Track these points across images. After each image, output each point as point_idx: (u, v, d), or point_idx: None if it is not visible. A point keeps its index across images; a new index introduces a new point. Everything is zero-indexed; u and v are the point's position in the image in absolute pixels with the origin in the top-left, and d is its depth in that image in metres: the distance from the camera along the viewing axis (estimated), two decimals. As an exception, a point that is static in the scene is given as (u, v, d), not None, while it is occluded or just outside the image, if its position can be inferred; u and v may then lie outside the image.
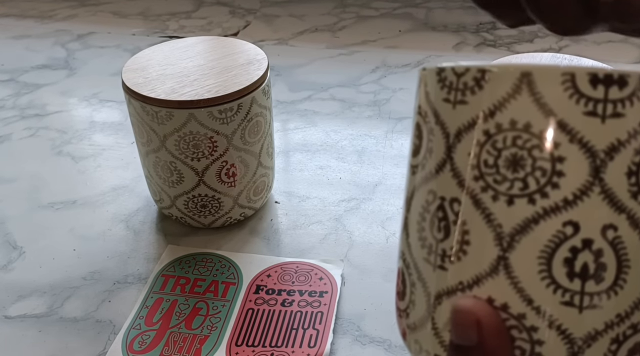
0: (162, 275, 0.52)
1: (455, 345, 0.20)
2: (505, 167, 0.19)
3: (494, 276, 0.19)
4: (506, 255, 0.19)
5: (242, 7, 1.01)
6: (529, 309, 0.19)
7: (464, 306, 0.20)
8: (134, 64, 0.53)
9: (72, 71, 0.85)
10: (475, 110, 0.20)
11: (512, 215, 0.19)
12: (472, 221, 0.20)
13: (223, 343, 0.46)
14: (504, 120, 0.19)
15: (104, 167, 0.66)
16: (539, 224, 0.19)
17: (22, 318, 0.49)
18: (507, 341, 0.20)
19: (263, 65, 0.52)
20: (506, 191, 0.19)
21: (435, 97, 0.21)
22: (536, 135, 0.19)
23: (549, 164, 0.19)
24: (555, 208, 0.19)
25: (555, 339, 0.19)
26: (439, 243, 0.21)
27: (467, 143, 0.20)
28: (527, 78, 0.19)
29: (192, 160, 0.51)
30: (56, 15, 1.01)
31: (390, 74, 0.80)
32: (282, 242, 0.55)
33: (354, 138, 0.69)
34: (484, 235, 0.20)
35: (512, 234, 0.19)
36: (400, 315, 0.23)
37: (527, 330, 0.19)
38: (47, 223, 0.59)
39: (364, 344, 0.46)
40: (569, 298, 0.19)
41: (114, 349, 0.46)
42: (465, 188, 0.20)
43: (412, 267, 0.22)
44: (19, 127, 0.73)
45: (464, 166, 0.20)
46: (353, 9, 0.99)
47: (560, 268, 0.19)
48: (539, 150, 0.19)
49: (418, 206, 0.22)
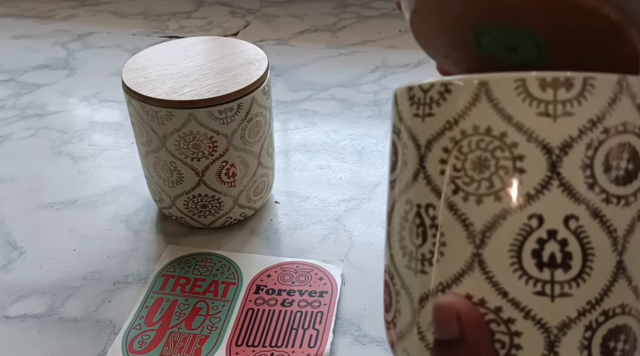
0: (162, 275, 0.52)
1: (439, 341, 0.21)
2: (472, 169, 0.21)
3: (470, 274, 0.21)
4: (480, 252, 0.20)
5: (242, 7, 1.01)
6: (505, 301, 0.20)
7: (444, 303, 0.21)
8: (134, 64, 0.53)
9: (72, 71, 0.85)
10: (441, 120, 0.21)
11: (482, 213, 0.20)
12: (447, 223, 0.21)
13: (223, 343, 0.46)
14: (467, 127, 0.21)
15: (104, 167, 0.66)
16: (506, 219, 0.20)
17: (22, 318, 0.49)
18: (486, 333, 0.20)
19: (263, 65, 0.52)
20: (474, 191, 0.20)
21: (407, 114, 0.23)
22: (497, 137, 0.20)
23: (510, 163, 0.20)
24: (519, 203, 0.20)
25: (531, 329, 0.20)
26: (418, 248, 0.22)
27: (436, 151, 0.21)
28: (485, 86, 0.20)
29: (192, 160, 0.51)
30: (56, 15, 1.01)
31: (390, 74, 0.80)
32: (282, 242, 0.55)
33: (354, 138, 0.69)
34: (458, 235, 0.21)
35: (484, 231, 0.20)
36: (388, 327, 0.24)
37: (505, 322, 0.20)
38: (47, 223, 0.59)
39: (364, 344, 0.46)
40: (540, 288, 0.20)
41: (114, 349, 0.46)
42: (438, 193, 0.21)
43: (395, 277, 0.23)
44: (19, 127, 0.73)
45: (435, 173, 0.21)
46: (353, 9, 0.99)
47: (530, 259, 0.20)
48: (500, 151, 0.20)
49: (398, 217, 0.23)
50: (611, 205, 0.20)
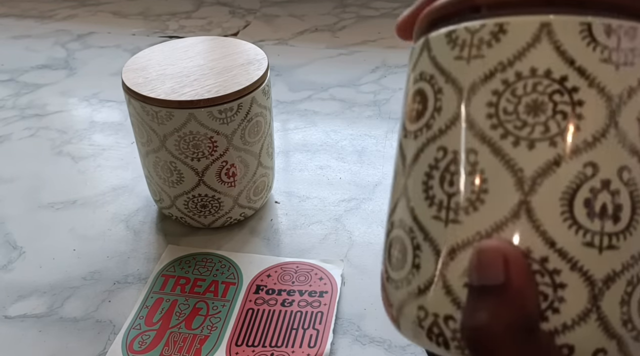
0: (162, 275, 0.52)
1: (478, 287, 0.20)
2: (525, 112, 0.20)
3: (515, 222, 0.20)
4: (528, 199, 0.19)
5: (242, 7, 1.01)
6: (552, 252, 0.19)
7: (490, 245, 0.20)
8: (134, 64, 0.53)
9: (72, 71, 0.85)
10: (493, 62, 0.20)
11: (534, 159, 0.19)
12: (491, 169, 0.20)
13: (223, 343, 0.46)
14: (523, 69, 0.20)
15: (104, 167, 0.66)
16: (560, 166, 0.19)
17: (22, 318, 0.49)
18: (533, 281, 0.19)
19: (263, 65, 0.52)
20: (527, 136, 0.20)
21: (445, 57, 0.22)
22: (557, 80, 0.19)
23: (569, 108, 0.19)
24: (576, 150, 0.19)
25: (577, 281, 0.19)
26: (452, 197, 0.21)
27: (483, 94, 0.20)
28: (547, 28, 0.20)
29: (192, 160, 0.51)
30: (56, 15, 1.01)
31: (390, 74, 0.80)
32: (282, 242, 0.55)
33: (354, 138, 0.69)
34: (504, 182, 0.20)
35: (534, 177, 0.19)
36: (396, 287, 0.23)
37: (550, 273, 0.19)
38: (47, 223, 0.59)
39: (364, 344, 0.46)
40: (590, 239, 0.19)
41: (114, 349, 0.46)
42: (482, 138, 0.20)
43: (416, 230, 0.22)
44: (19, 127, 0.73)
45: (480, 117, 0.20)
46: (353, 9, 0.99)
47: (582, 209, 0.19)
48: (559, 95, 0.19)
49: (423, 166, 0.22)
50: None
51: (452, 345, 0.21)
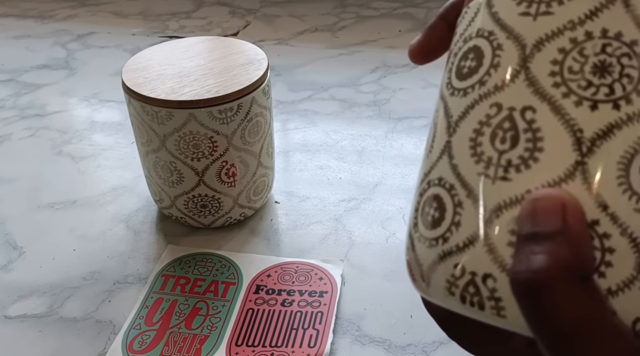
0: (162, 275, 0.52)
1: (532, 233, 0.19)
2: (591, 73, 0.19)
3: (569, 182, 0.19)
4: (585, 160, 0.19)
5: (242, 7, 1.01)
6: (604, 215, 0.19)
7: (547, 193, 0.19)
8: (134, 64, 0.53)
9: (72, 71, 0.85)
10: (563, 19, 0.20)
11: (595, 120, 0.19)
12: (549, 127, 0.20)
13: (223, 343, 0.46)
14: (594, 29, 0.20)
15: (104, 167, 0.66)
16: (621, 130, 0.19)
17: (22, 318, 0.49)
18: (588, 231, 0.19)
19: (263, 65, 0.52)
20: (591, 96, 0.19)
21: (509, 13, 0.21)
22: (627, 44, 0.19)
23: (637, 72, 0.19)
24: (638, 115, 0.19)
25: (626, 247, 0.19)
26: (503, 154, 0.20)
27: (549, 51, 0.20)
28: None
29: (192, 160, 0.51)
30: (56, 15, 1.01)
31: (390, 74, 0.80)
32: (282, 242, 0.55)
33: (354, 138, 0.69)
34: (562, 141, 0.20)
35: (594, 139, 0.19)
36: (432, 245, 0.22)
37: (600, 237, 0.19)
38: (47, 223, 0.59)
39: (364, 344, 0.46)
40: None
41: (114, 349, 0.46)
42: (543, 95, 0.20)
43: (458, 187, 0.21)
44: (19, 127, 0.73)
45: (543, 74, 0.20)
46: (353, 9, 0.99)
47: (638, 175, 0.19)
48: (628, 58, 0.19)
49: (473, 123, 0.21)
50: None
51: (488, 305, 0.20)
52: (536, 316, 0.19)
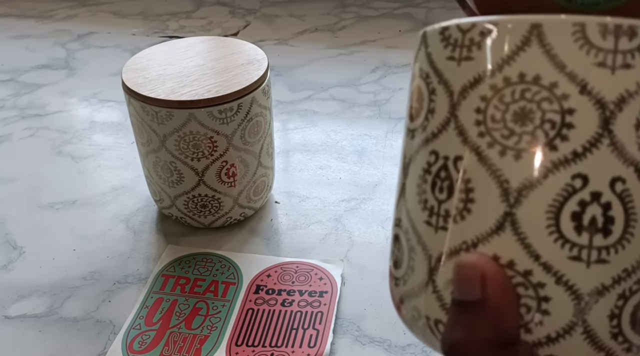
0: (162, 275, 0.52)
1: (458, 301, 0.20)
2: (513, 121, 0.19)
3: (500, 234, 0.19)
4: (513, 211, 0.19)
5: (242, 7, 1.01)
6: (536, 265, 0.19)
7: (468, 261, 0.19)
8: (134, 64, 0.53)
9: (72, 71, 0.85)
10: (482, 65, 0.19)
11: (520, 170, 0.19)
12: (477, 178, 0.20)
13: (223, 343, 0.46)
14: (512, 74, 0.19)
15: (104, 167, 0.66)
16: (547, 178, 0.19)
17: (22, 318, 0.49)
18: (512, 297, 0.19)
19: (263, 65, 0.52)
20: (514, 145, 0.19)
21: (439, 56, 0.21)
22: (546, 87, 0.18)
23: (558, 116, 0.18)
24: (564, 161, 0.18)
25: (562, 295, 0.19)
26: (442, 204, 0.20)
27: (472, 99, 0.20)
28: (537, 29, 0.19)
29: (192, 160, 0.51)
30: (56, 15, 1.01)
31: (390, 74, 0.80)
32: (282, 242, 0.55)
33: (354, 138, 0.69)
34: (490, 192, 0.19)
35: (520, 189, 0.19)
36: (396, 284, 0.23)
37: (534, 286, 0.19)
38: (47, 223, 0.59)
39: (364, 344, 0.46)
40: (576, 253, 0.19)
41: (114, 349, 0.46)
42: (470, 145, 0.20)
43: (410, 232, 0.22)
44: (19, 127, 0.73)
45: (469, 123, 0.20)
46: (353, 9, 0.99)
47: (569, 222, 0.19)
48: (548, 103, 0.18)
49: (418, 169, 0.21)
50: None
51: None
52: None
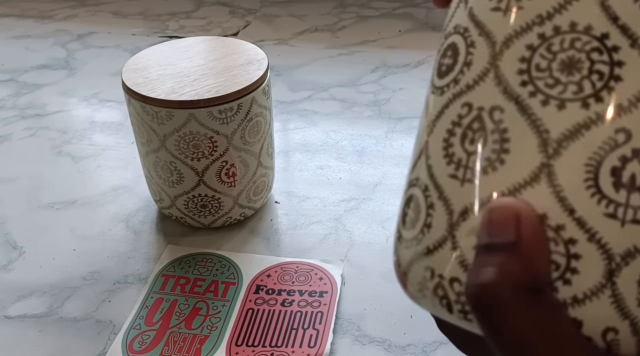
0: (162, 275, 0.52)
1: (487, 245, 0.19)
2: (559, 70, 0.19)
3: (534, 185, 0.19)
4: (550, 162, 0.18)
5: (242, 7, 1.01)
6: (570, 220, 0.18)
7: (503, 202, 0.19)
8: (134, 64, 0.53)
9: (72, 71, 0.85)
10: (531, 14, 0.19)
11: (562, 120, 0.18)
12: (515, 128, 0.19)
13: (223, 343, 0.46)
14: (563, 23, 0.19)
15: (104, 167, 0.66)
16: (590, 130, 0.18)
17: (22, 318, 0.49)
18: (546, 244, 0.18)
19: (263, 65, 0.52)
20: (558, 95, 0.18)
21: (482, 9, 0.21)
22: (597, 37, 0.18)
23: (607, 67, 0.18)
24: (608, 114, 0.18)
25: (593, 253, 0.18)
26: (471, 156, 0.20)
27: (517, 48, 0.19)
28: None
29: (192, 160, 0.51)
30: (56, 15, 1.01)
31: (390, 74, 0.80)
32: (282, 242, 0.55)
33: (354, 138, 0.69)
34: (527, 142, 0.19)
35: (560, 140, 0.18)
36: (407, 246, 0.22)
37: (565, 242, 0.18)
38: (47, 223, 0.59)
39: (364, 344, 0.46)
40: (612, 210, 0.18)
41: (114, 349, 0.46)
42: (510, 94, 0.19)
43: (430, 189, 0.21)
44: (19, 127, 0.73)
45: (511, 72, 0.19)
46: (353, 9, 0.99)
47: (607, 178, 0.18)
48: (598, 53, 0.18)
49: (446, 123, 0.21)
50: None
51: (455, 309, 0.20)
52: (487, 329, 0.19)
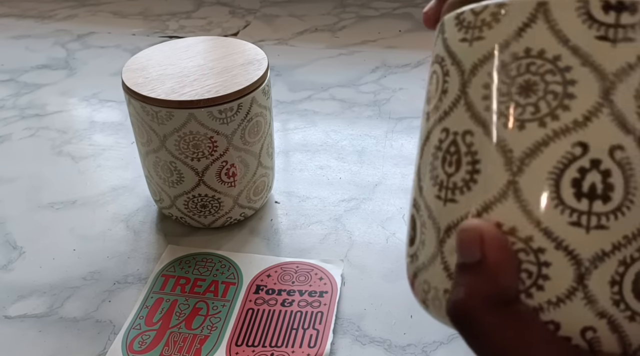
0: (162, 275, 0.52)
1: (460, 264, 0.21)
2: (518, 93, 0.20)
3: (503, 202, 0.20)
4: (516, 179, 0.20)
5: (242, 7, 1.01)
6: (537, 231, 0.20)
7: (468, 225, 0.21)
8: (134, 64, 0.53)
9: (72, 71, 0.85)
10: (492, 43, 0.21)
11: (523, 139, 0.20)
12: (483, 149, 0.21)
13: (223, 343, 0.46)
14: (519, 49, 0.20)
15: (104, 167, 0.66)
16: (548, 146, 0.19)
17: (22, 318, 0.49)
18: (510, 257, 0.20)
19: (263, 65, 0.52)
20: (518, 116, 0.20)
21: (453, 40, 0.22)
22: (549, 60, 0.20)
23: (560, 87, 0.19)
24: (565, 130, 0.19)
25: (562, 260, 0.19)
26: (450, 177, 0.22)
27: (481, 76, 0.21)
28: (544, 7, 0.20)
29: (192, 160, 0.51)
30: (56, 15, 1.01)
31: (390, 74, 0.80)
32: (282, 242, 0.55)
33: (354, 138, 0.69)
34: (495, 162, 0.20)
35: (522, 158, 0.20)
36: (411, 261, 0.24)
37: (535, 252, 0.20)
38: (47, 223, 0.59)
39: (364, 344, 0.46)
40: (576, 218, 0.19)
41: (114, 349, 0.46)
42: (477, 119, 0.21)
43: (422, 208, 0.23)
44: (19, 127, 0.73)
45: (478, 98, 0.21)
46: (353, 9, 0.99)
47: (569, 189, 0.19)
48: (551, 75, 0.20)
49: (431, 147, 0.23)
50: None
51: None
52: (469, 343, 0.21)
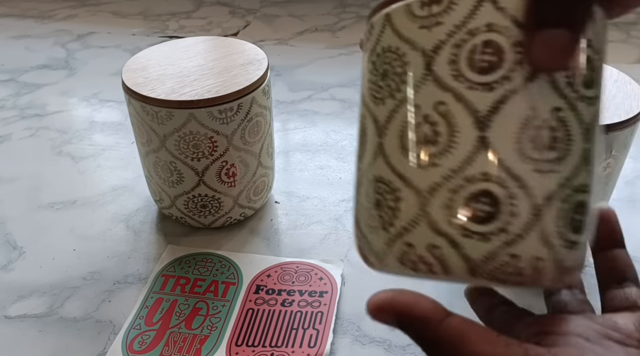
0: (162, 275, 0.52)
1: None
2: (381, 79, 0.27)
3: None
4: (381, 141, 0.26)
5: (242, 7, 1.01)
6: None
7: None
8: (134, 64, 0.53)
9: (72, 71, 0.85)
10: (367, 50, 0.28)
11: (384, 110, 0.26)
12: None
13: (223, 343, 0.46)
14: (379, 49, 0.27)
15: (104, 167, 0.66)
16: (399, 111, 0.26)
17: (22, 318, 0.49)
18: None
19: (263, 65, 0.52)
20: (380, 96, 0.26)
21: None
22: (394, 51, 0.26)
23: (401, 69, 0.26)
24: (407, 96, 0.25)
25: (412, 197, 0.25)
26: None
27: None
28: (388, 17, 0.26)
29: (192, 160, 0.51)
30: (56, 15, 1.01)
31: (390, 74, 0.80)
32: (282, 242, 0.55)
33: (354, 138, 0.69)
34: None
35: (384, 125, 0.26)
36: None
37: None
38: (47, 223, 0.59)
39: (364, 344, 0.46)
40: (415, 160, 0.25)
41: (114, 349, 0.46)
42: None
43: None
44: (19, 127, 0.73)
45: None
46: (353, 9, 0.99)
47: (409, 141, 0.25)
48: (395, 61, 0.26)
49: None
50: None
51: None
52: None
